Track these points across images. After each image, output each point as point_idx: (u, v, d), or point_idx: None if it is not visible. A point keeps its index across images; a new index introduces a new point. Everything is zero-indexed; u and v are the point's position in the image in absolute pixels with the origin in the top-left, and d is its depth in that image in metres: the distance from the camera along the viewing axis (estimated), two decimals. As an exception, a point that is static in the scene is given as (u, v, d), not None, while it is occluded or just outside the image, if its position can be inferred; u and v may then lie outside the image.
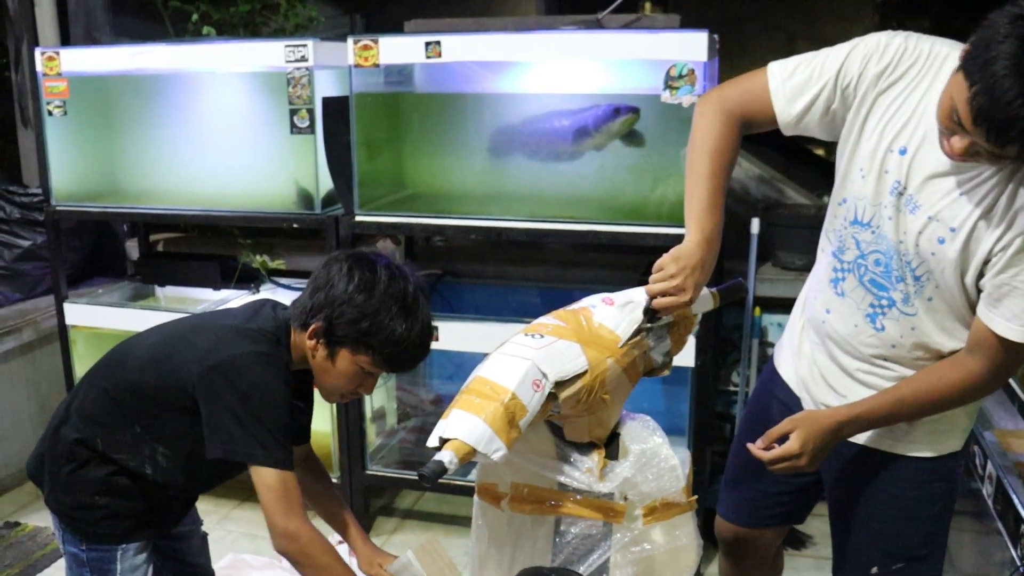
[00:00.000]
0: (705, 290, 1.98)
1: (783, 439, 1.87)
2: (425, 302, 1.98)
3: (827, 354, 2.01)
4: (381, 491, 3.85)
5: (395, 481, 3.62)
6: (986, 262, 1.70)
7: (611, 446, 1.95)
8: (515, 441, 1.71)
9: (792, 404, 2.09)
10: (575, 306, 1.96)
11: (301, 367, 2.02)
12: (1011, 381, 2.45)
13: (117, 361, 2.05)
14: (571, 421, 1.89)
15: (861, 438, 1.97)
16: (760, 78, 1.90)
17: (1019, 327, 1.68)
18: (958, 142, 1.59)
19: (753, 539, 2.34)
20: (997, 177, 1.66)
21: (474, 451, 1.67)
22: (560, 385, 1.77)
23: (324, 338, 1.93)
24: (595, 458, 1.91)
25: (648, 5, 3.37)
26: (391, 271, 1.94)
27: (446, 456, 1.65)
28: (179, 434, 1.96)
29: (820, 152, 8.69)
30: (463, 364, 4.07)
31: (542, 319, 1.92)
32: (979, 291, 1.74)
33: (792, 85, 1.87)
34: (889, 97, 1.78)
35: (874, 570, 2.01)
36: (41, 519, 3.72)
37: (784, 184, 4.64)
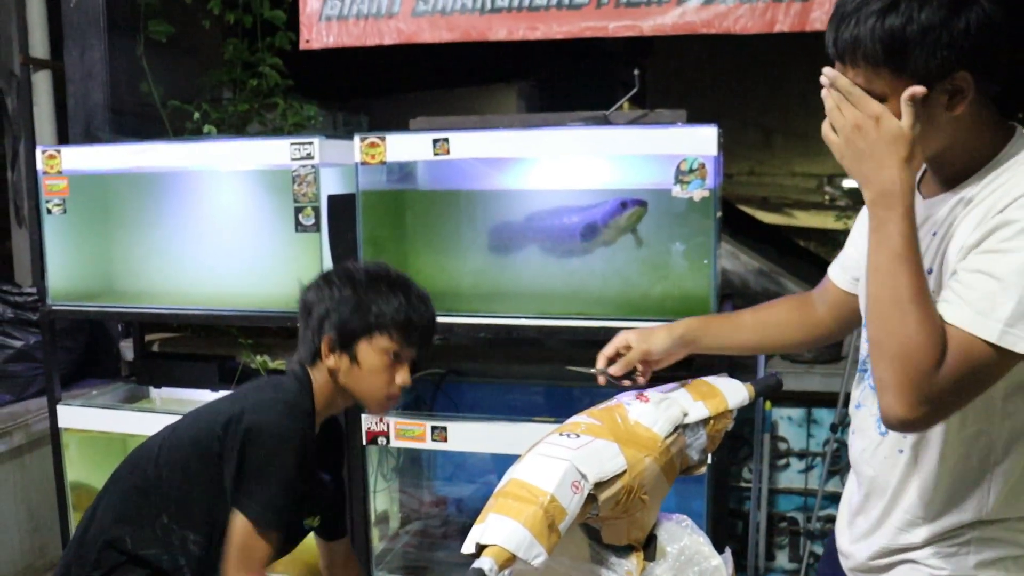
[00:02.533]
0: (741, 384, 1.94)
1: None
2: (411, 279, 2.08)
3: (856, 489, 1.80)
4: (385, 598, 3.72)
5: (400, 587, 3.51)
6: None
7: (648, 548, 1.87)
8: (555, 545, 1.64)
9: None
10: (608, 403, 1.91)
11: (328, 413, 2.05)
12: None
13: (141, 456, 2.03)
14: (609, 523, 1.82)
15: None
16: None
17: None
18: None
19: None
20: (953, 200, 1.53)
21: (514, 557, 1.60)
22: (599, 486, 1.71)
23: (339, 345, 2.00)
24: (633, 561, 1.83)
25: (626, 104, 3.41)
26: (364, 263, 2.07)
27: (486, 563, 1.58)
28: (206, 515, 1.91)
29: (811, 247, 8.79)
30: (464, 465, 4.00)
31: (575, 418, 1.86)
32: None
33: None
34: None
35: None
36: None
37: (783, 276, 4.66)
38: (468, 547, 1.63)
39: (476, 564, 1.59)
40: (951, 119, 1.46)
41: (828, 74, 1.48)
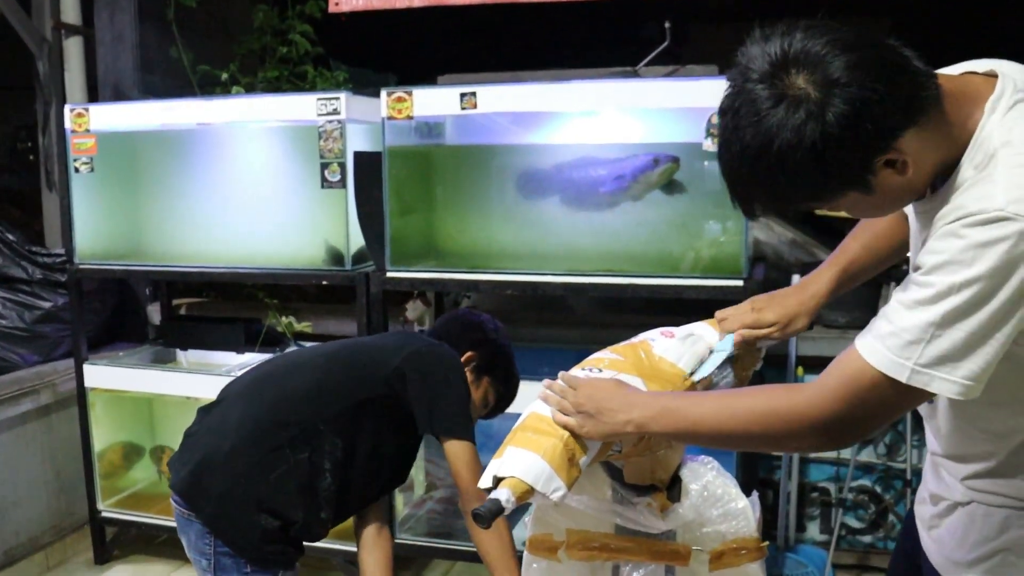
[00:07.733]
0: None
1: None
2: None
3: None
4: (409, 561, 3.69)
5: (424, 550, 3.47)
6: None
7: (672, 490, 1.81)
8: (575, 481, 1.58)
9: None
10: (632, 340, 1.84)
11: None
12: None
13: (265, 391, 2.25)
14: (632, 462, 1.76)
15: None
16: None
17: (868, 340, 1.32)
18: None
19: None
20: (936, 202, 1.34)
21: (532, 490, 1.54)
22: (622, 421, 1.65)
23: (477, 364, 2.37)
24: (656, 499, 1.77)
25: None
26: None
27: (502, 495, 1.52)
28: (355, 427, 2.20)
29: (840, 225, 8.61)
30: (491, 433, 3.94)
31: (598, 354, 1.80)
32: None
33: None
34: None
35: None
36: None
37: (816, 248, 4.57)
38: (485, 480, 1.58)
39: (493, 495, 1.53)
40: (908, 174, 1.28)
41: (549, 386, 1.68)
